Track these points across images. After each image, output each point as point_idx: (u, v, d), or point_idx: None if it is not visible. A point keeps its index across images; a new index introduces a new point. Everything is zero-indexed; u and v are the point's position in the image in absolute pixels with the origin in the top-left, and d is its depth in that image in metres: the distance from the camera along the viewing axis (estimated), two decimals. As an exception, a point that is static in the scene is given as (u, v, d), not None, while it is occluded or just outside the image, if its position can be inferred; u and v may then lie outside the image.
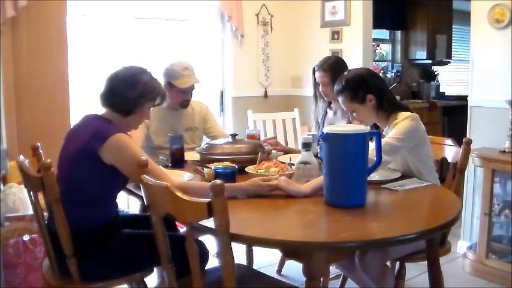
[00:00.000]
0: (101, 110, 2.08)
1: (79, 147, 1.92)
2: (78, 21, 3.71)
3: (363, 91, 2.23)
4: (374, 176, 2.10)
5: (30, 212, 2.64)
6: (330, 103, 3.02)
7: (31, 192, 1.97)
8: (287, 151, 2.82)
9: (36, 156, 2.17)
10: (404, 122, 2.17)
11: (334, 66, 2.87)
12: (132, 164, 1.82)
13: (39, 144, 2.21)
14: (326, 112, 3.02)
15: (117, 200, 2.08)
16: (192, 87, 2.92)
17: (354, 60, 4.25)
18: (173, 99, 2.91)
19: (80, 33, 3.70)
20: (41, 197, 1.93)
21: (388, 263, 2.28)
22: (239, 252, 2.83)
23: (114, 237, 1.98)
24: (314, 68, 2.93)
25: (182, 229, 2.87)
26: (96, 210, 1.96)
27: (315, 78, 2.94)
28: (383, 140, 2.06)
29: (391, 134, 2.16)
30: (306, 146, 2.04)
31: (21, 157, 2.03)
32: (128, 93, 1.99)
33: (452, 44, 6.39)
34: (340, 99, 2.30)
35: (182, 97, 2.91)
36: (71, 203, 1.86)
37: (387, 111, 2.26)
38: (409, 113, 2.22)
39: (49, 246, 1.91)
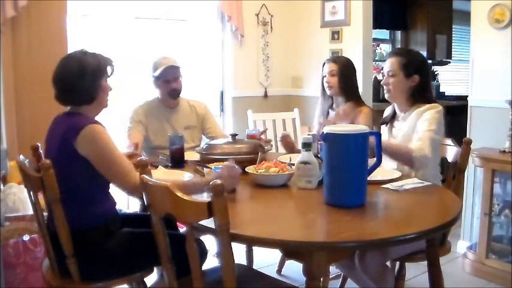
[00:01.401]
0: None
1: (58, 147, 1.93)
2: (78, 21, 3.71)
3: (414, 68, 2.34)
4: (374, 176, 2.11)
5: (30, 212, 2.64)
6: (332, 105, 3.03)
7: (31, 192, 1.97)
8: (291, 150, 2.82)
9: (36, 156, 2.17)
10: (431, 112, 2.26)
11: (344, 62, 3.03)
12: (104, 157, 1.89)
13: (39, 144, 2.21)
14: (328, 112, 3.03)
15: (114, 198, 2.09)
16: (173, 75, 2.93)
17: (354, 60, 4.24)
18: (162, 92, 2.96)
19: (80, 33, 3.70)
20: (41, 196, 1.93)
21: (388, 263, 2.28)
22: (239, 252, 2.83)
23: (114, 236, 1.98)
24: (324, 63, 3.03)
25: (182, 229, 2.87)
26: (92, 208, 1.96)
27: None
28: (423, 134, 2.20)
29: (425, 126, 2.22)
30: (306, 146, 2.04)
31: (21, 157, 2.03)
32: (82, 84, 1.95)
33: (452, 44, 6.39)
34: (390, 60, 2.39)
35: (167, 87, 2.94)
36: (67, 203, 1.86)
37: (418, 99, 2.35)
38: (434, 104, 2.31)
39: (49, 246, 1.91)
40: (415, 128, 2.31)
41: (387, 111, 2.60)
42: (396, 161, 2.32)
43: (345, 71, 2.97)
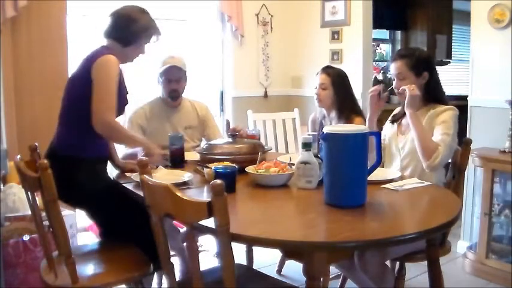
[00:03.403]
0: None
1: (79, 68, 2.23)
2: (78, 21, 3.70)
3: (424, 66, 2.36)
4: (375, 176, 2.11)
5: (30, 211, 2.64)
6: (324, 117, 3.01)
7: (29, 193, 1.97)
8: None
9: (34, 156, 2.17)
10: (449, 114, 2.28)
11: (337, 74, 2.94)
12: (100, 82, 2.13)
13: (37, 145, 2.22)
14: (322, 124, 2.98)
15: (106, 146, 2.34)
16: (175, 75, 2.93)
17: (354, 60, 4.26)
18: (163, 91, 2.96)
19: (80, 33, 3.70)
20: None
21: (388, 263, 2.28)
22: (239, 252, 2.83)
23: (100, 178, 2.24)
24: (318, 72, 2.99)
25: (182, 229, 2.87)
26: (87, 139, 2.18)
27: None
28: (441, 136, 2.21)
29: (445, 129, 2.23)
30: (306, 146, 2.04)
31: (19, 157, 2.03)
32: (130, 27, 2.28)
33: (452, 44, 6.38)
34: (398, 62, 2.39)
35: (168, 86, 2.93)
36: (68, 127, 2.21)
37: (430, 97, 2.37)
38: (451, 106, 2.33)
39: (47, 246, 1.91)
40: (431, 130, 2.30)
41: (398, 109, 2.59)
42: (417, 142, 2.26)
43: (336, 84, 2.90)
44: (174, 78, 2.92)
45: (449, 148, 2.23)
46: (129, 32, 2.28)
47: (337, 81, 2.91)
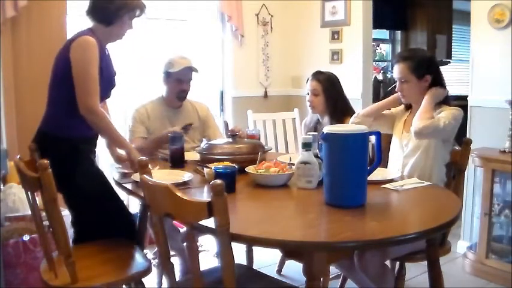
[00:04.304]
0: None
1: (62, 47, 2.25)
2: (78, 21, 3.70)
3: (425, 68, 2.34)
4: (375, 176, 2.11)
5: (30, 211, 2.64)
6: (317, 121, 3.01)
7: (28, 193, 1.97)
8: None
9: (34, 156, 2.17)
10: (452, 110, 2.28)
11: (327, 79, 2.95)
12: (78, 67, 2.14)
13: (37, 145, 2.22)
14: (315, 128, 2.99)
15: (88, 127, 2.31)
16: (187, 76, 2.93)
17: (354, 60, 4.26)
18: (170, 91, 2.95)
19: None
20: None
21: (388, 263, 2.28)
22: (239, 252, 2.83)
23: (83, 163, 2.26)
24: (308, 78, 3.01)
25: (182, 229, 2.87)
26: (70, 119, 2.21)
27: None
28: (439, 116, 2.23)
29: (443, 115, 2.25)
30: (306, 146, 2.04)
31: (18, 157, 2.03)
32: (108, 6, 2.24)
33: (452, 44, 6.38)
34: (399, 66, 2.37)
35: (178, 86, 2.93)
36: (48, 104, 2.28)
37: None
38: (456, 107, 2.32)
39: (47, 246, 1.91)
40: None
41: (399, 108, 2.60)
42: (419, 110, 2.30)
43: (327, 90, 2.91)
44: (185, 79, 2.93)
45: (442, 128, 2.23)
46: (108, 11, 2.25)
47: (328, 87, 2.93)
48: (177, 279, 1.76)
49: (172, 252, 2.50)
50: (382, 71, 6.10)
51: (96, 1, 2.29)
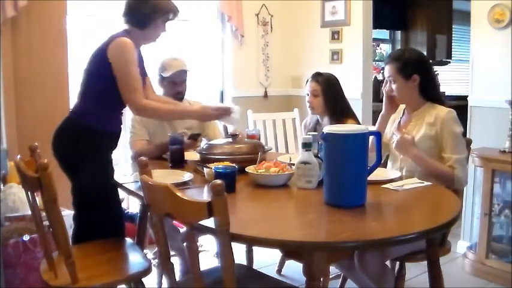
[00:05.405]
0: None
1: (97, 48, 2.31)
2: (79, 21, 3.70)
3: (412, 68, 2.32)
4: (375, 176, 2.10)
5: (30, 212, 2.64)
6: (317, 122, 3.02)
7: (29, 193, 1.97)
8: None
9: (34, 156, 2.17)
10: (456, 126, 2.26)
11: (327, 80, 2.95)
12: (121, 67, 2.22)
13: (37, 145, 2.22)
14: (315, 129, 2.99)
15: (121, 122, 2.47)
16: (181, 78, 2.94)
17: (354, 60, 4.26)
18: (167, 93, 2.96)
19: (80, 33, 3.69)
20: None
21: (388, 263, 2.28)
22: (239, 252, 2.83)
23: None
24: (307, 80, 3.01)
25: (182, 229, 2.87)
26: (105, 114, 2.31)
27: None
28: (453, 156, 2.21)
29: (454, 146, 2.23)
30: (306, 146, 2.04)
31: (19, 157, 2.03)
32: (141, 9, 2.32)
33: (452, 44, 6.38)
34: (388, 66, 2.37)
35: (173, 89, 2.94)
36: (86, 102, 2.32)
37: (426, 98, 2.35)
38: (450, 109, 2.29)
39: (47, 246, 1.92)
40: (438, 135, 2.28)
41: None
42: (433, 177, 2.24)
43: (327, 91, 2.92)
44: (179, 81, 2.93)
45: (464, 163, 2.24)
46: (142, 14, 2.32)
47: (328, 88, 2.93)
48: (177, 279, 1.76)
49: (172, 252, 2.51)
50: (382, 71, 6.09)
51: (130, 3, 2.36)
